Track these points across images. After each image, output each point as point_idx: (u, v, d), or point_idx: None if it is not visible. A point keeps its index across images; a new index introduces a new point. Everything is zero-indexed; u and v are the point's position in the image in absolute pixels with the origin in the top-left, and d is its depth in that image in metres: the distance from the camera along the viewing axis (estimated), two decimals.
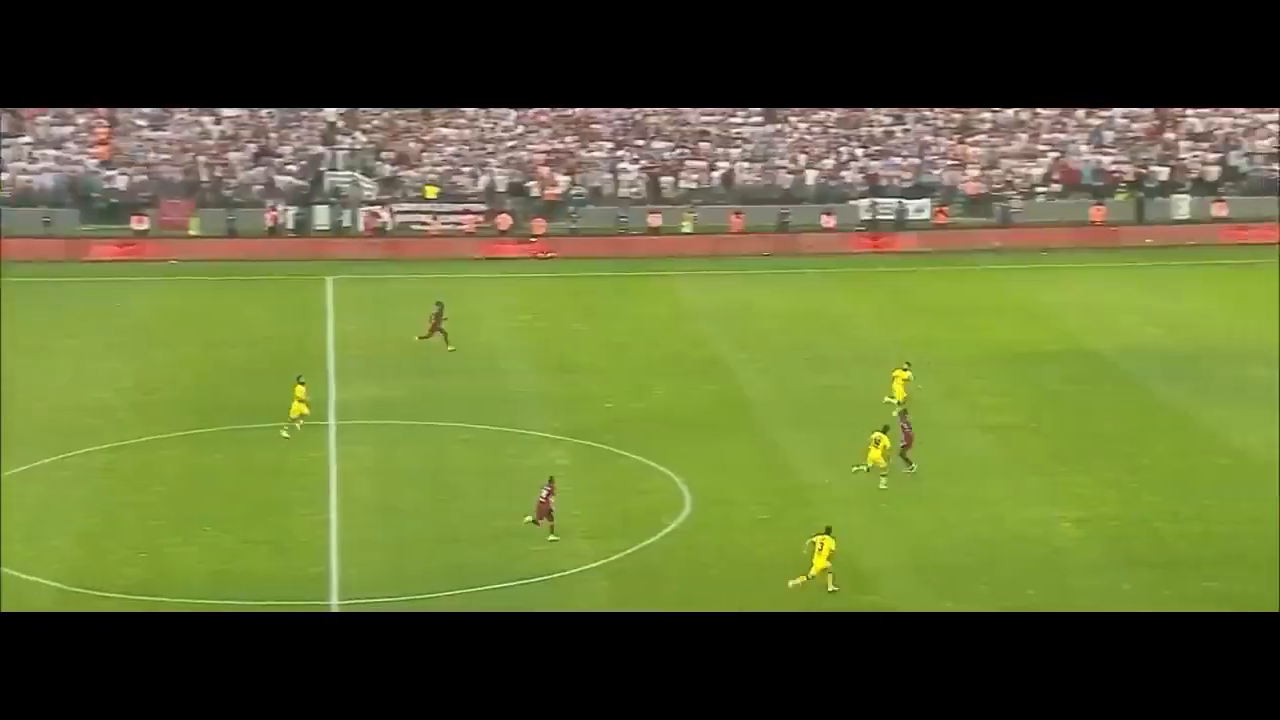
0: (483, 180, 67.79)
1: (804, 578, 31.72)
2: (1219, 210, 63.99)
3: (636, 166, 68.46)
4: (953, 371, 47.12)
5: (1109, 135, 67.90)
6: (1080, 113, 67.96)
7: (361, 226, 65.44)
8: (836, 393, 45.41)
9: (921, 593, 32.08)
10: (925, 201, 65.66)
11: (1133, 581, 32.18)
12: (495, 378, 47.44)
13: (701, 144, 69.43)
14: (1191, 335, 49.87)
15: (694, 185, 67.83)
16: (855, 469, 37.73)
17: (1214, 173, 65.75)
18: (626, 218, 65.68)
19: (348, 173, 67.67)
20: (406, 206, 66.26)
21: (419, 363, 48.78)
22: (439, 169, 68.18)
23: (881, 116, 69.18)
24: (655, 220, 65.64)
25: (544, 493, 34.78)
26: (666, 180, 67.87)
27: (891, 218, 65.48)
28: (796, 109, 68.17)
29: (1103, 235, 63.30)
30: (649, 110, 68.90)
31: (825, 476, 38.35)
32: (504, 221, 65.85)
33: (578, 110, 69.00)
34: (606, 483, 38.59)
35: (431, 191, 67.04)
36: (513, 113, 69.18)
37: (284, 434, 40.85)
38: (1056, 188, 66.44)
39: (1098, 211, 64.37)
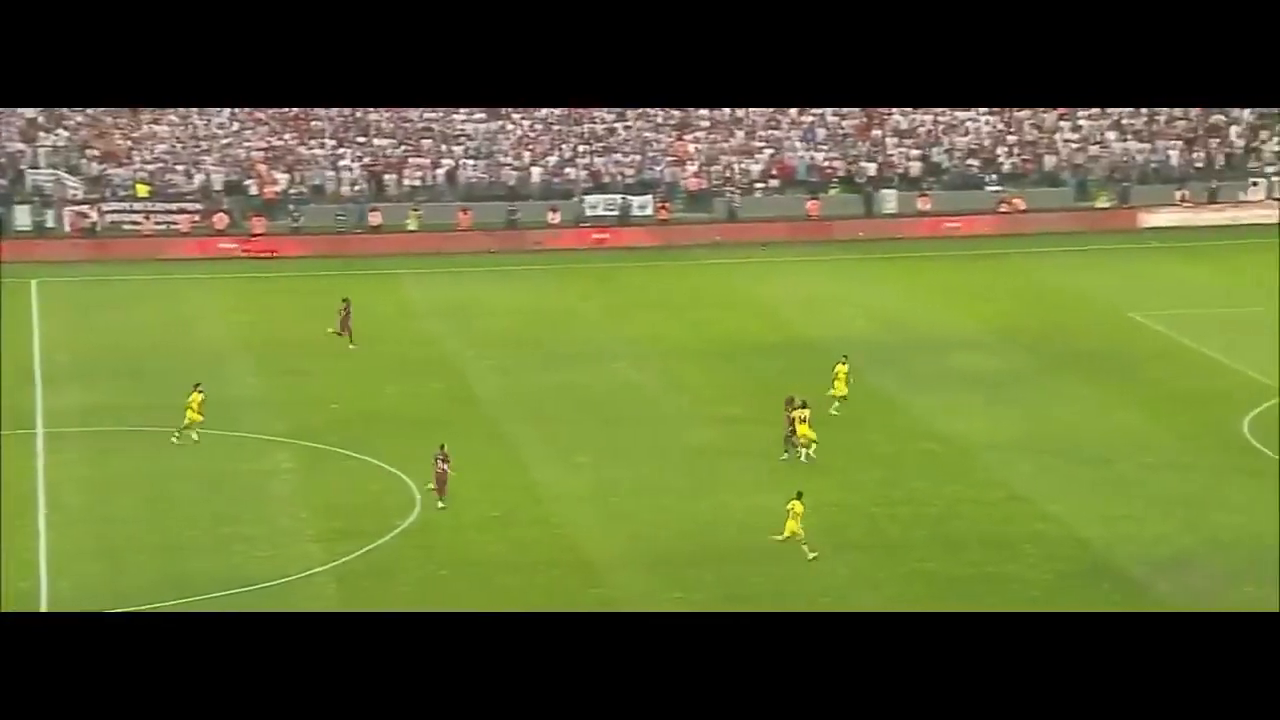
0: (197, 178, 65.90)
1: (779, 538, 33.26)
2: (923, 204, 66.84)
3: (359, 164, 67.59)
4: (677, 364, 48.02)
5: (821, 132, 70.19)
6: (793, 110, 70.03)
7: (67, 227, 62.84)
8: (566, 389, 45.76)
9: (649, 584, 32.62)
10: (648, 198, 66.68)
11: (849, 565, 33.37)
12: (216, 380, 46.20)
13: (424, 141, 68.98)
14: (900, 325, 51.95)
15: (418, 183, 67.38)
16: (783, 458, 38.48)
17: (917, 168, 68.65)
18: (345, 215, 64.83)
19: (50, 171, 64.85)
20: (116, 205, 63.98)
21: (133, 366, 47.28)
22: (150, 167, 65.99)
23: (603, 113, 69.95)
24: (378, 218, 64.97)
25: (439, 463, 35.26)
26: (390, 178, 67.22)
27: (615, 214, 66.32)
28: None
29: (818, 229, 65.40)
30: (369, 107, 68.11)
31: (555, 473, 38.60)
32: (221, 220, 64.18)
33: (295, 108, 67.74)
34: (334, 484, 38.05)
35: (143, 190, 64.83)
36: (227, 109, 67.47)
37: (174, 439, 40.02)
38: (774, 183, 68.34)
39: (813, 206, 66.48)
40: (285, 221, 64.75)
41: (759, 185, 68.18)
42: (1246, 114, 70.62)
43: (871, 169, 68.33)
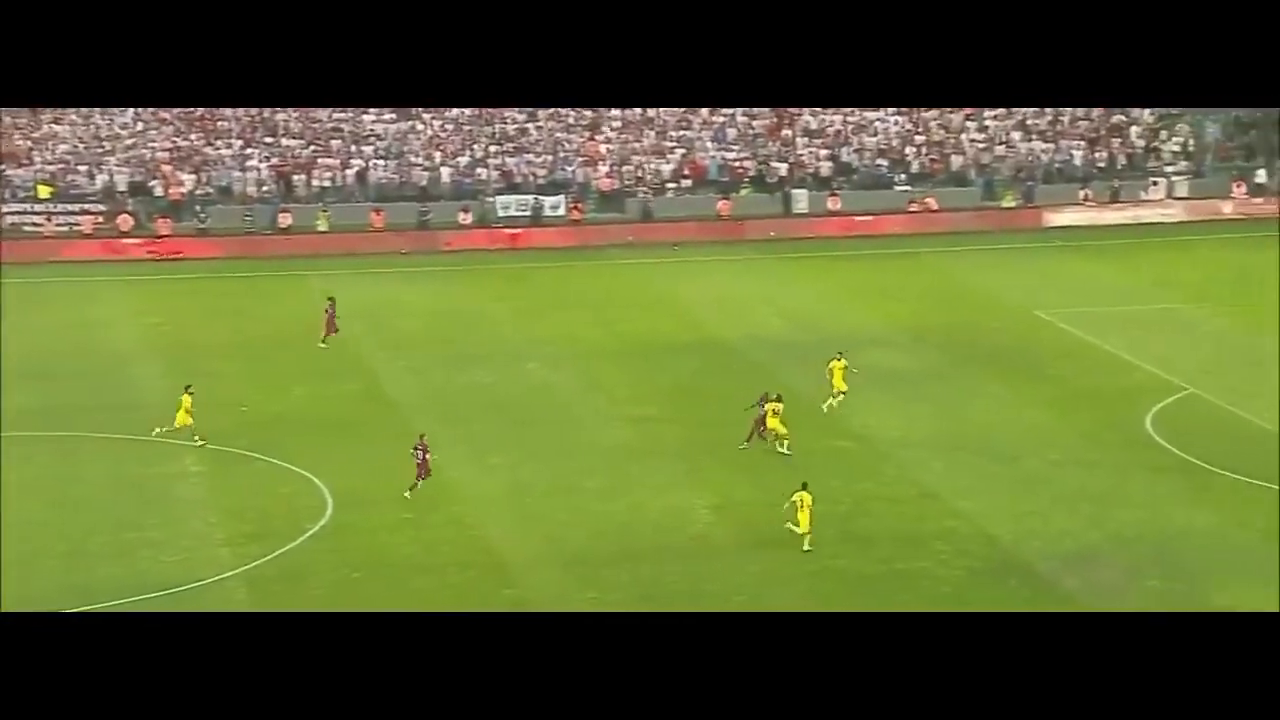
0: (100, 179, 64.89)
1: (799, 532, 33.39)
2: (834, 204, 67.37)
3: (266, 164, 66.91)
4: (591, 364, 48.02)
5: (732, 132, 70.50)
6: (704, 110, 70.28)
7: None
8: (479, 390, 45.61)
9: (564, 585, 32.58)
10: (560, 198, 66.63)
11: (762, 563, 33.54)
12: (123, 385, 45.55)
13: (333, 141, 68.42)
14: (812, 324, 52.32)
15: (327, 183, 66.82)
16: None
17: (828, 168, 69.18)
18: (252, 216, 64.16)
19: None
20: (16, 207, 62.88)
21: (36, 369, 46.44)
22: (51, 167, 64.87)
23: (514, 113, 69.76)
24: (288, 219, 64.35)
25: (419, 454, 35.59)
26: (299, 178, 66.59)
27: (528, 214, 66.18)
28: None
29: (730, 229, 65.70)
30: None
31: (468, 474, 38.44)
32: (125, 222, 63.29)
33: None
34: (244, 488, 37.64)
35: (45, 191, 63.72)
36: (131, 109, 66.52)
37: (155, 431, 39.83)
38: (686, 183, 68.53)
39: (724, 206, 66.76)
40: (191, 223, 63.98)
41: (671, 185, 68.34)
42: (1146, 114, 71.91)
43: (782, 169, 68.74)
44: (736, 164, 68.98)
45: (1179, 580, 32.42)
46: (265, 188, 66.24)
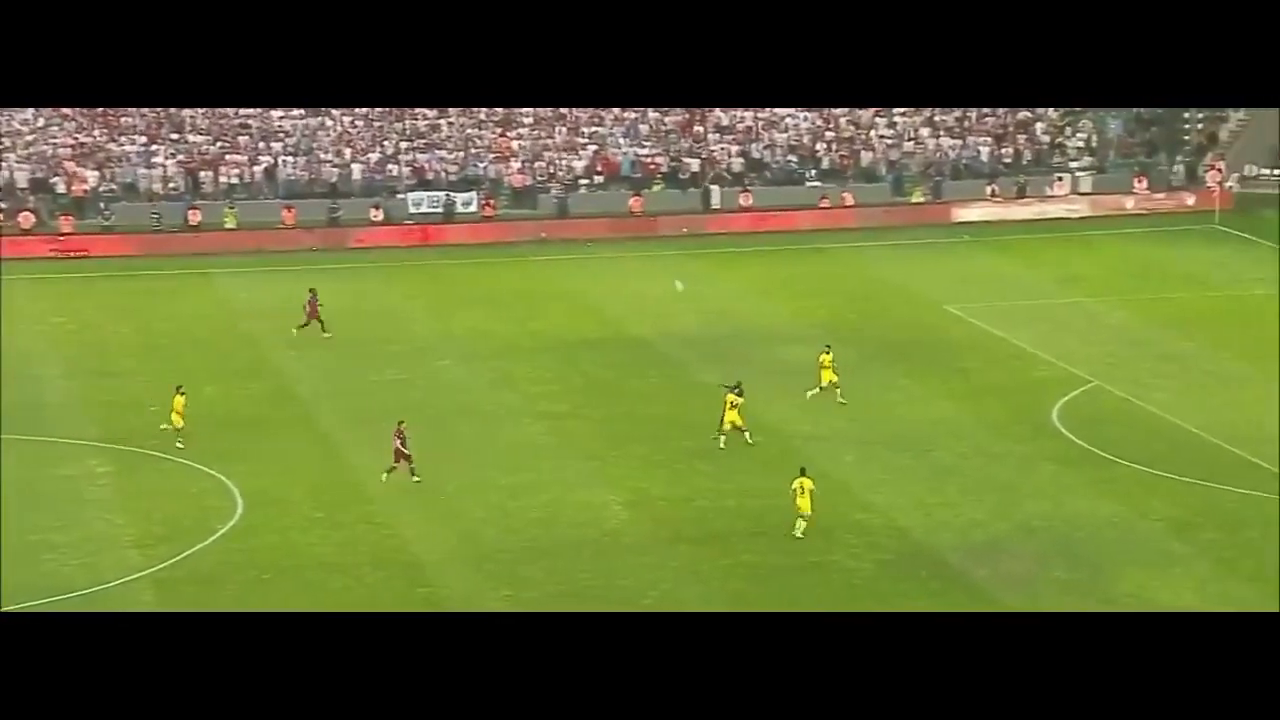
0: (0, 176, 63.67)
1: (802, 522, 33.48)
2: (746, 200, 67.69)
3: (173, 161, 66.05)
4: (504, 361, 47.90)
5: (644, 129, 70.59)
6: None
7: None
8: (391, 387, 45.34)
9: (478, 583, 32.50)
10: (472, 194, 66.37)
11: (677, 558, 33.66)
12: (26, 384, 44.77)
13: (241, 138, 67.66)
14: (726, 320, 52.56)
15: (235, 180, 66.07)
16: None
17: (739, 164, 69.49)
18: (159, 214, 63.34)
19: None
20: None
21: None
22: None
23: (426, 109, 69.39)
24: (197, 216, 63.56)
25: (397, 440, 36.34)
26: (206, 175, 65.80)
27: (440, 211, 65.86)
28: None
29: (643, 225, 65.79)
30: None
31: (380, 471, 38.22)
32: (27, 219, 62.19)
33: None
34: (153, 488, 37.16)
35: None
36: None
37: (163, 426, 39.63)
38: (599, 180, 68.54)
39: (636, 202, 66.84)
40: (96, 220, 62.98)
41: (584, 181, 68.30)
42: (1051, 111, 72.96)
43: (695, 165, 68.95)
44: (649, 160, 69.07)
45: (1083, 570, 32.96)
46: (172, 184, 65.38)
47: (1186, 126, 72.71)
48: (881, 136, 71.24)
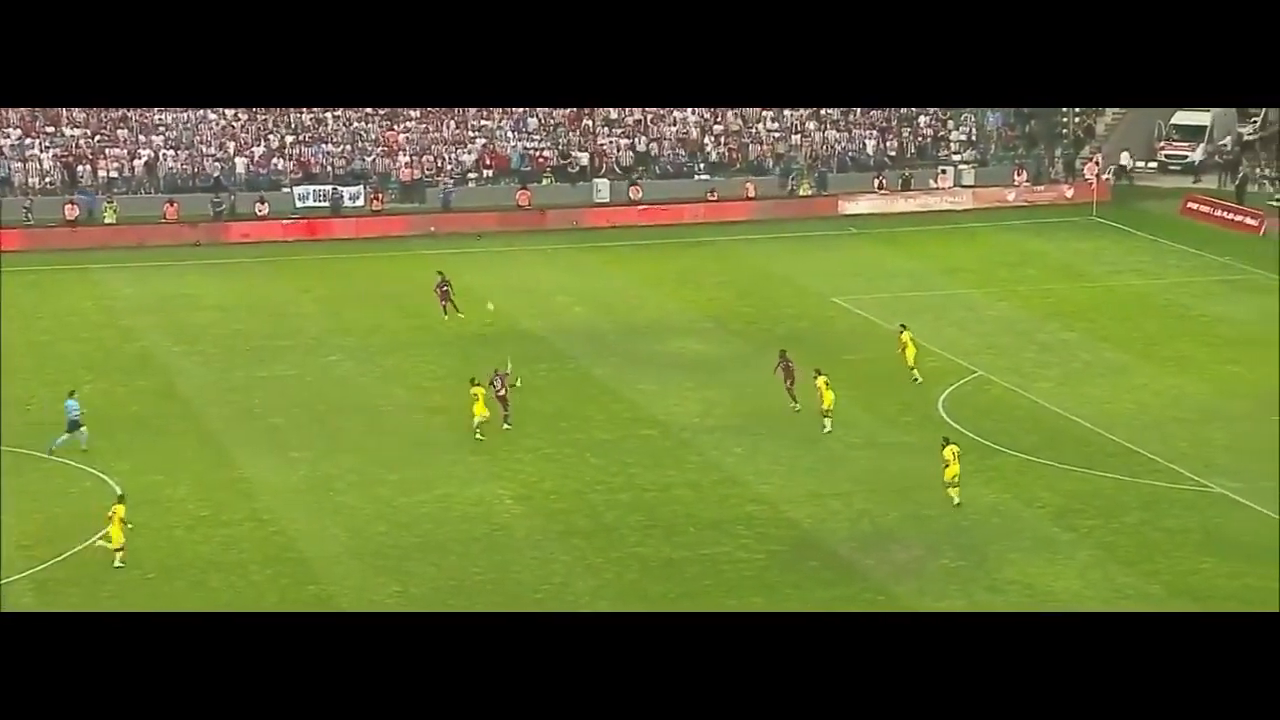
0: None
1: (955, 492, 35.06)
2: (635, 193, 67.82)
3: (49, 155, 64.63)
4: (394, 356, 47.55)
5: (533, 122, 70.42)
6: None
7: None
8: (278, 382, 44.82)
9: (368, 579, 32.25)
10: (359, 188, 65.77)
11: (569, 552, 33.67)
12: None
13: (120, 131, 66.40)
14: (616, 313, 52.62)
15: (114, 174, 64.83)
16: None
17: (628, 158, 69.59)
18: (30, 208, 61.98)
19: None
20: None
21: None
22: None
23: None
24: (73, 211, 62.28)
25: (498, 388, 39.25)
26: (83, 169, 64.48)
27: (326, 205, 65.18)
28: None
29: (533, 219, 65.64)
30: None
31: (268, 468, 37.74)
32: None
33: None
34: (33, 488, 36.41)
35: None
36: None
37: None
38: (487, 173, 68.24)
39: (524, 196, 66.67)
40: None
41: (472, 175, 67.97)
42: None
43: (584, 158, 68.91)
44: (538, 154, 68.93)
45: (970, 557, 33.50)
46: (48, 179, 64.00)
47: (1064, 120, 74.13)
48: (768, 130, 71.76)
